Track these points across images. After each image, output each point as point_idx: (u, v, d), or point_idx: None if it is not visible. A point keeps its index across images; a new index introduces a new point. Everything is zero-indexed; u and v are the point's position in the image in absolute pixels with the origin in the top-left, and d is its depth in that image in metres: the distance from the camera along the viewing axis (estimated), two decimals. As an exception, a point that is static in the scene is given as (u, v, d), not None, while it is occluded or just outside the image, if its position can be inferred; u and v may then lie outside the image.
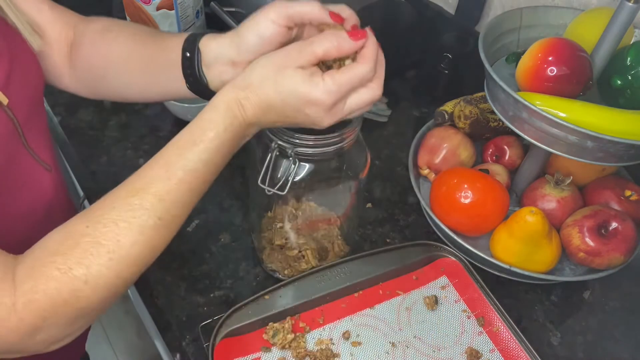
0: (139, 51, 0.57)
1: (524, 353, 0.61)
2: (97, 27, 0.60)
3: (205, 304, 0.67)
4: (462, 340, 0.63)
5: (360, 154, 0.61)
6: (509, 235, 0.67)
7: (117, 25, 0.60)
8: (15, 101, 0.51)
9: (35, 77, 0.56)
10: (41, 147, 0.56)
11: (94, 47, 0.59)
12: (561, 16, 0.73)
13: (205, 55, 0.53)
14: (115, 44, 0.58)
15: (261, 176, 0.56)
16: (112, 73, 0.59)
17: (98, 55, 0.59)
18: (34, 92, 0.56)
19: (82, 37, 0.60)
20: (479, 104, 0.80)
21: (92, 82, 0.61)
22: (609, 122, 0.59)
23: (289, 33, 0.50)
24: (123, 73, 0.58)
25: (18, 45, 0.54)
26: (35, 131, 0.56)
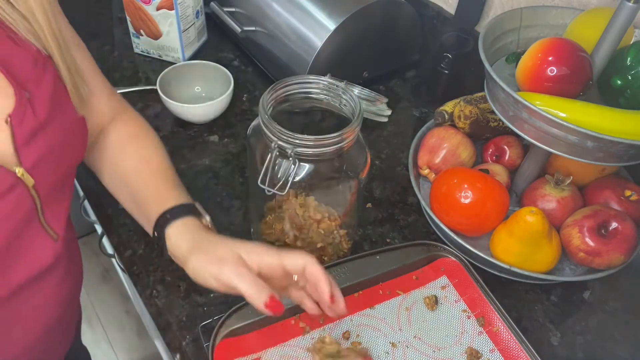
0: (132, 188, 0.61)
1: (524, 353, 0.61)
2: (124, 132, 0.64)
3: (205, 304, 0.67)
4: (462, 340, 0.63)
5: (360, 154, 0.61)
6: (509, 235, 0.67)
7: (136, 142, 0.64)
8: (44, 181, 0.50)
9: (75, 153, 0.56)
10: (56, 219, 0.55)
11: (107, 153, 0.63)
12: (561, 16, 0.73)
13: (169, 244, 0.57)
14: (122, 164, 0.63)
15: (261, 176, 0.56)
16: (109, 179, 0.64)
17: (105, 162, 0.64)
18: (70, 167, 0.56)
19: (108, 132, 0.64)
20: (479, 104, 0.80)
21: (91, 163, 0.66)
22: (609, 122, 0.59)
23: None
24: (114, 189, 0.64)
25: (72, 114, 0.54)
26: (57, 203, 0.55)
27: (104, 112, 0.63)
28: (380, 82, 1.02)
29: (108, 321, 1.70)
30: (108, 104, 0.63)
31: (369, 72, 0.98)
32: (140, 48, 1.03)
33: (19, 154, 0.47)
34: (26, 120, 0.47)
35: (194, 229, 0.56)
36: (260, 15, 0.96)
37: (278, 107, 0.60)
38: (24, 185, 0.48)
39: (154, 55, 1.03)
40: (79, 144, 0.56)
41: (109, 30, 1.10)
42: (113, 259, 1.09)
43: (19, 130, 0.47)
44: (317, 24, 0.88)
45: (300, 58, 0.89)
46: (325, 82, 0.61)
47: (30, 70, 0.48)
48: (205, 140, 0.88)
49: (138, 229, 0.74)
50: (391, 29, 0.95)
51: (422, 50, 1.05)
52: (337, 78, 0.63)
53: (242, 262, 0.51)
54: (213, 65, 0.93)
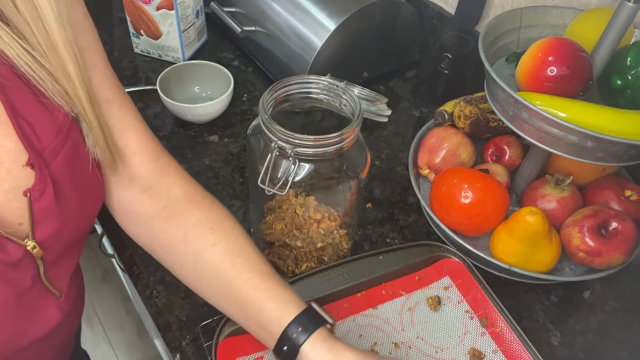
0: (230, 284, 0.51)
1: (527, 354, 0.60)
2: (198, 219, 0.54)
3: (205, 304, 0.66)
4: (465, 341, 0.63)
5: (360, 154, 0.61)
6: (509, 235, 0.67)
7: (219, 226, 0.54)
8: (52, 250, 0.48)
9: (89, 216, 0.52)
10: (60, 278, 0.52)
11: (185, 239, 0.53)
12: (561, 16, 0.73)
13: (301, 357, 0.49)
14: (207, 254, 0.52)
15: (261, 176, 0.56)
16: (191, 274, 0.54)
17: (186, 250, 0.53)
18: (81, 232, 0.52)
19: (176, 215, 0.54)
20: (479, 104, 0.80)
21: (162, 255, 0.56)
22: (609, 122, 0.59)
23: None
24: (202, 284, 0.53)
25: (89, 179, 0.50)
26: (62, 267, 0.52)
27: (145, 176, 0.54)
28: (380, 82, 1.02)
29: (108, 321, 1.70)
30: (148, 166, 0.54)
31: (369, 72, 0.98)
32: (140, 48, 1.03)
33: (35, 228, 0.45)
34: (46, 196, 0.45)
35: (330, 345, 0.49)
36: (260, 15, 0.96)
37: (278, 107, 0.60)
38: (31, 256, 0.46)
39: (154, 55, 1.03)
40: (93, 209, 0.53)
41: (109, 30, 1.10)
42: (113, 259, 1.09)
43: (38, 205, 0.44)
44: (317, 24, 0.88)
45: (300, 58, 0.89)
46: (325, 82, 0.61)
47: (52, 139, 0.45)
48: (205, 140, 0.88)
49: (138, 229, 0.74)
50: (391, 29, 0.95)
51: (422, 50, 1.05)
52: (337, 78, 0.63)
53: None
54: (213, 65, 0.93)
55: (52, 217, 0.46)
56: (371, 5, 0.88)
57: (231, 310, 0.53)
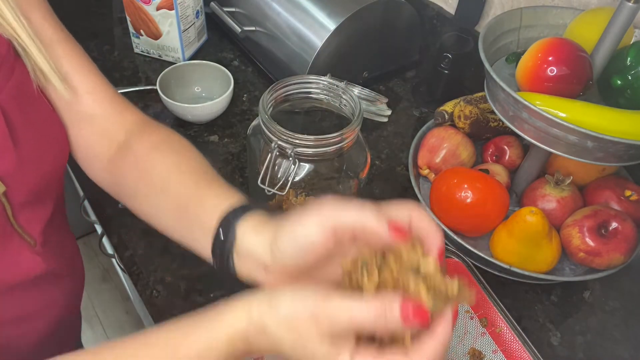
0: (177, 192, 0.50)
1: (527, 354, 0.61)
2: (149, 142, 0.54)
3: (205, 304, 0.66)
4: (465, 340, 0.63)
5: (360, 154, 0.61)
6: (509, 235, 0.67)
7: (168, 146, 0.54)
8: (17, 187, 0.48)
9: (54, 160, 0.52)
10: (33, 224, 0.52)
11: (137, 166, 0.53)
12: (561, 16, 0.73)
13: (239, 245, 0.45)
14: (157, 170, 0.52)
15: (261, 176, 0.56)
16: (144, 199, 0.54)
17: (137, 176, 0.53)
18: (49, 172, 0.52)
19: (130, 149, 0.54)
20: (479, 104, 0.80)
21: (120, 191, 0.56)
22: (609, 122, 0.59)
23: (334, 244, 0.40)
24: (154, 205, 0.53)
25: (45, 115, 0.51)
26: (33, 211, 0.52)
27: (107, 116, 0.55)
28: (380, 82, 1.02)
29: (108, 321, 1.70)
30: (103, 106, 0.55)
31: (369, 72, 0.98)
32: (140, 48, 1.03)
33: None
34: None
35: (269, 220, 0.45)
36: (260, 15, 0.96)
37: (278, 107, 0.60)
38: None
39: (154, 55, 1.03)
40: (58, 149, 0.53)
41: (109, 30, 1.10)
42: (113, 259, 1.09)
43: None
44: (317, 24, 0.88)
45: (300, 58, 0.89)
46: (325, 82, 0.61)
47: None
48: (205, 140, 0.88)
49: (138, 229, 0.74)
50: (391, 29, 0.95)
51: (422, 50, 1.05)
52: (337, 78, 0.63)
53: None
54: (213, 65, 0.93)
55: (7, 152, 0.46)
56: (371, 5, 0.88)
57: (176, 221, 0.51)
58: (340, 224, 0.38)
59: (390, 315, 0.34)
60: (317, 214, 0.39)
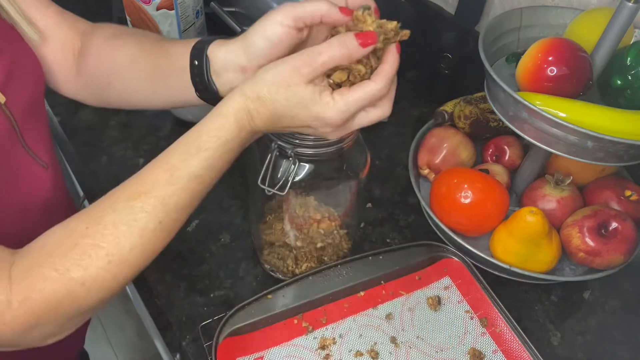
0: (145, 58, 0.56)
1: (527, 354, 0.61)
2: (105, 34, 0.59)
3: (205, 304, 0.67)
4: (465, 340, 0.63)
5: (360, 154, 0.61)
6: (509, 235, 0.67)
7: (124, 33, 0.59)
8: (14, 100, 0.51)
9: (35, 76, 0.56)
10: (39, 145, 0.56)
11: (100, 54, 0.58)
12: (561, 16, 0.73)
13: (214, 62, 0.51)
14: (121, 51, 0.57)
15: (261, 176, 0.56)
16: (118, 80, 0.58)
17: (104, 63, 0.58)
18: (34, 92, 0.56)
19: (89, 45, 0.59)
20: (479, 104, 0.80)
21: (98, 90, 0.60)
22: (609, 122, 0.59)
23: (299, 34, 0.49)
24: (129, 80, 0.57)
25: (18, 44, 0.54)
26: (34, 130, 0.56)
27: (59, 31, 0.59)
28: (380, 82, 1.02)
29: (108, 321, 1.70)
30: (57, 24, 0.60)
31: (369, 72, 0.98)
32: (140, 48, 1.03)
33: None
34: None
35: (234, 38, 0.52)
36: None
37: (278, 107, 0.60)
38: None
39: (154, 55, 1.03)
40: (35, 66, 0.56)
41: (109, 30, 1.10)
42: (113, 259, 1.09)
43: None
44: (317, 24, 0.88)
45: (300, 58, 0.89)
46: (325, 82, 0.61)
47: None
48: (205, 140, 0.88)
49: (138, 229, 0.74)
50: (391, 29, 0.95)
51: (422, 50, 1.04)
52: (337, 78, 0.63)
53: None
54: (213, 65, 0.92)
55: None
56: (371, 5, 0.88)
57: (153, 86, 0.56)
58: (299, 14, 0.47)
59: (351, 44, 0.44)
60: (278, 12, 0.48)
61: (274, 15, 0.48)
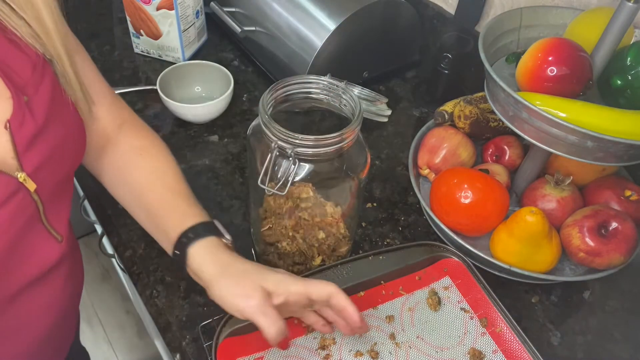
0: (146, 200, 0.60)
1: (527, 354, 0.61)
2: (132, 147, 0.63)
3: (205, 304, 0.67)
4: (465, 341, 0.63)
5: (360, 154, 0.61)
6: (509, 235, 0.67)
7: (148, 153, 0.63)
8: (45, 184, 0.50)
9: (76, 155, 0.56)
10: (59, 219, 0.55)
11: (118, 166, 0.63)
12: (561, 16, 0.73)
13: (190, 263, 0.56)
14: (133, 177, 0.62)
15: (261, 176, 0.56)
16: (120, 195, 0.63)
17: (117, 175, 0.63)
18: (70, 171, 0.56)
19: (116, 145, 0.63)
20: (479, 104, 0.80)
21: (101, 179, 0.65)
22: (609, 122, 0.59)
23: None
24: (127, 203, 0.63)
25: (71, 119, 0.54)
26: (58, 206, 0.55)
27: (107, 119, 0.62)
28: (380, 82, 1.02)
29: (108, 321, 1.70)
30: (111, 111, 0.63)
31: (369, 72, 0.98)
32: (140, 48, 1.03)
33: (20, 159, 0.47)
34: (26, 125, 0.47)
35: (217, 251, 0.56)
36: (260, 15, 0.96)
37: (278, 107, 0.60)
38: (26, 190, 0.48)
39: (154, 55, 1.03)
40: (78, 147, 0.56)
41: (109, 30, 1.10)
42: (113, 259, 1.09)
43: (19, 135, 0.46)
44: (317, 24, 0.88)
45: (300, 58, 0.89)
46: (325, 82, 0.61)
47: (29, 75, 0.48)
48: (205, 140, 0.88)
49: (138, 229, 0.74)
50: (391, 29, 0.95)
51: (422, 50, 1.04)
52: (337, 78, 0.63)
53: (267, 298, 0.52)
54: (213, 65, 0.93)
55: (37, 147, 0.48)
56: (371, 5, 0.88)
57: (147, 223, 0.62)
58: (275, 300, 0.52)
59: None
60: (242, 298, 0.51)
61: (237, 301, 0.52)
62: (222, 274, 0.53)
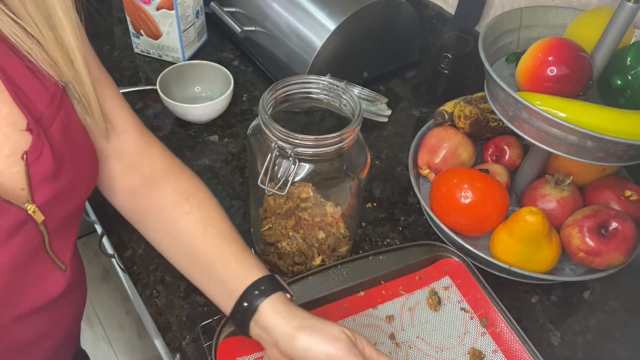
0: (198, 250, 0.55)
1: (527, 354, 0.60)
2: (174, 191, 0.58)
3: (205, 304, 0.67)
4: (465, 340, 0.63)
5: (360, 154, 0.61)
6: (509, 235, 0.67)
7: (194, 198, 0.58)
8: (53, 217, 0.49)
9: (86, 190, 0.54)
10: (64, 249, 0.54)
11: (161, 213, 0.57)
12: (561, 16, 0.73)
13: (260, 318, 0.51)
14: (180, 224, 0.56)
15: (261, 176, 0.56)
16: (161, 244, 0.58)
17: (159, 222, 0.57)
18: (79, 205, 0.54)
19: (155, 186, 0.58)
20: (479, 104, 0.80)
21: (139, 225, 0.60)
22: (609, 122, 0.59)
23: None
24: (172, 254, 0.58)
25: (84, 150, 0.52)
26: (64, 236, 0.54)
27: (131, 152, 0.58)
28: (380, 82, 1.02)
29: (108, 321, 1.70)
30: (135, 143, 0.58)
31: (369, 72, 0.98)
32: (140, 48, 1.03)
33: (33, 191, 0.46)
34: (43, 158, 0.46)
35: (290, 306, 0.52)
36: (260, 15, 0.96)
37: (278, 107, 0.60)
38: (34, 222, 0.47)
39: (154, 55, 1.03)
40: (91, 181, 0.55)
41: (109, 30, 1.10)
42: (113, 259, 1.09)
43: (35, 168, 0.46)
44: (317, 24, 0.88)
45: (300, 58, 0.89)
46: (325, 82, 0.61)
47: (46, 106, 0.47)
48: (205, 140, 0.88)
49: (138, 229, 0.74)
50: (391, 29, 0.95)
51: (422, 50, 1.05)
52: (337, 78, 0.63)
53: (352, 342, 0.49)
54: (213, 65, 0.93)
55: (50, 182, 0.47)
56: (371, 5, 0.88)
57: (196, 273, 0.57)
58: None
59: None
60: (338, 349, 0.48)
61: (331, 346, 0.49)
62: (307, 327, 0.50)
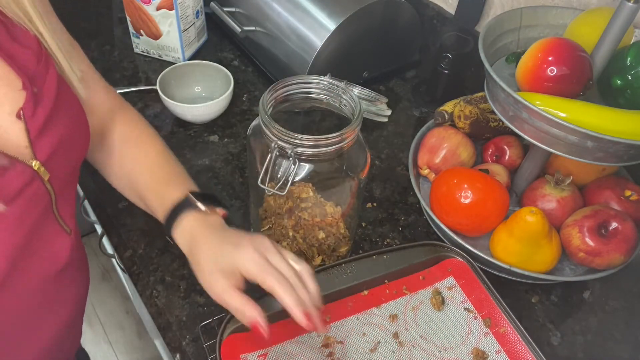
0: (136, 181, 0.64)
1: (531, 355, 0.60)
2: (123, 135, 0.66)
3: (205, 304, 0.67)
4: (468, 340, 0.63)
5: (360, 154, 0.61)
6: (509, 235, 0.67)
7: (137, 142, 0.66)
8: (57, 174, 0.51)
9: (82, 145, 0.56)
10: (67, 210, 0.56)
11: (113, 152, 0.65)
12: (561, 16, 0.73)
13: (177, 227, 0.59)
14: (126, 166, 0.65)
15: (261, 176, 0.56)
16: (116, 180, 0.66)
17: (113, 160, 0.65)
18: (77, 161, 0.57)
19: (110, 132, 0.65)
20: (479, 104, 0.80)
21: (98, 164, 0.67)
22: (609, 122, 0.59)
23: None
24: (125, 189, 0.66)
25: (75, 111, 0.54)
26: (67, 197, 0.55)
27: (102, 109, 0.64)
28: (380, 82, 1.02)
29: (108, 321, 1.70)
30: (105, 100, 0.64)
31: (369, 72, 0.98)
32: (140, 48, 1.03)
33: (34, 147, 0.47)
34: (37, 114, 0.48)
35: (194, 229, 0.58)
36: (260, 15, 0.96)
37: (278, 107, 0.60)
38: (40, 179, 0.48)
39: (154, 55, 1.03)
40: (85, 136, 0.57)
41: (109, 30, 1.10)
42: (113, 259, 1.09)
43: (32, 124, 0.47)
44: (317, 24, 0.88)
45: (300, 58, 0.89)
46: (325, 82, 0.61)
47: (35, 66, 0.49)
48: (205, 140, 0.88)
49: (138, 229, 0.74)
50: (391, 29, 0.95)
51: (422, 50, 1.05)
52: (337, 78, 0.63)
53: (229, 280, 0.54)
54: (213, 65, 0.93)
55: (48, 136, 0.49)
56: (371, 5, 0.88)
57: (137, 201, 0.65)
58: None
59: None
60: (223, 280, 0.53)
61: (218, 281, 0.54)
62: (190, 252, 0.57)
